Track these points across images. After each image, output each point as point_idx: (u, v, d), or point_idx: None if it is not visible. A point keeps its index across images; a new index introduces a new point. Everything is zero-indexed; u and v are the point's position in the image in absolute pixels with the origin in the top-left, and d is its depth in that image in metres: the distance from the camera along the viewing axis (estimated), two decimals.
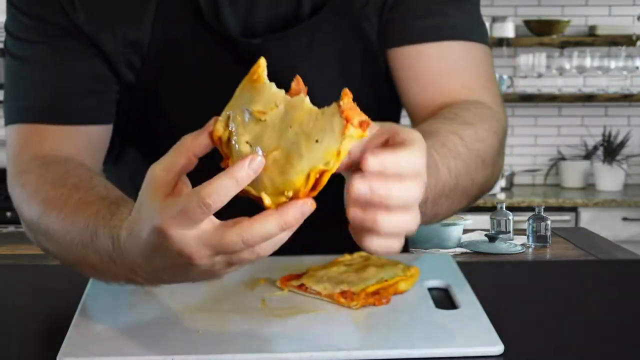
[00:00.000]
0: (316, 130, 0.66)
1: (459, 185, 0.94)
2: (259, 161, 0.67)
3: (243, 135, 0.68)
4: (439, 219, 0.97)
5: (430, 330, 0.81)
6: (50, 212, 0.93)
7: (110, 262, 0.82)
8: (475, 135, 0.99)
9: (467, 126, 0.99)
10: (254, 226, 0.68)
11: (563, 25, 4.34)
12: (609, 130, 4.43)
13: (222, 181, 0.67)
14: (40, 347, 0.82)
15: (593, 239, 2.57)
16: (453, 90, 1.08)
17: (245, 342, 0.78)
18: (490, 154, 1.02)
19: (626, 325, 0.88)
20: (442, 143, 0.93)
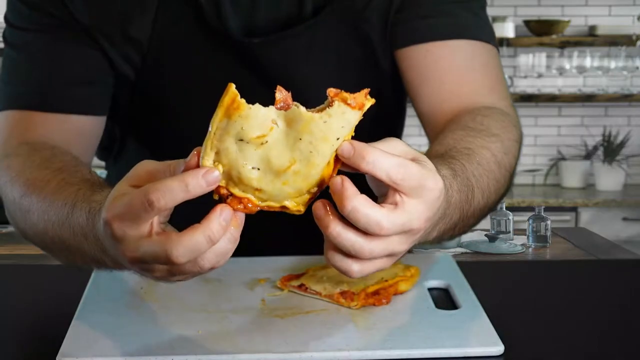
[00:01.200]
0: (333, 131, 0.66)
1: (488, 205, 0.93)
2: (215, 176, 0.65)
3: (245, 164, 0.66)
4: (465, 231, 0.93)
5: (431, 330, 0.81)
6: (31, 192, 0.93)
7: (82, 238, 0.81)
8: (503, 148, 0.98)
9: (495, 138, 0.98)
10: (181, 240, 0.65)
11: (563, 25, 4.34)
12: (609, 130, 4.42)
13: (171, 182, 0.65)
14: (40, 347, 0.82)
15: (593, 239, 2.56)
16: (464, 91, 1.07)
17: (245, 342, 0.78)
18: (514, 165, 1.02)
19: (626, 325, 0.88)
20: (479, 163, 0.92)
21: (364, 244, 0.67)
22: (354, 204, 0.65)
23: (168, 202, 0.65)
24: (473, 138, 0.97)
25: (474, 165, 0.90)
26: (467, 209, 0.86)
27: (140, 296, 0.91)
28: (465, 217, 0.86)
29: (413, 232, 0.69)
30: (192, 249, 0.66)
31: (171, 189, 0.64)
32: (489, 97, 1.07)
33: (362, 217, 0.66)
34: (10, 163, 1.01)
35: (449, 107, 1.06)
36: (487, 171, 0.92)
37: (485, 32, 1.11)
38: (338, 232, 0.67)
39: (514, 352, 0.78)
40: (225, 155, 0.66)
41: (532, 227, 2.49)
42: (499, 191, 0.96)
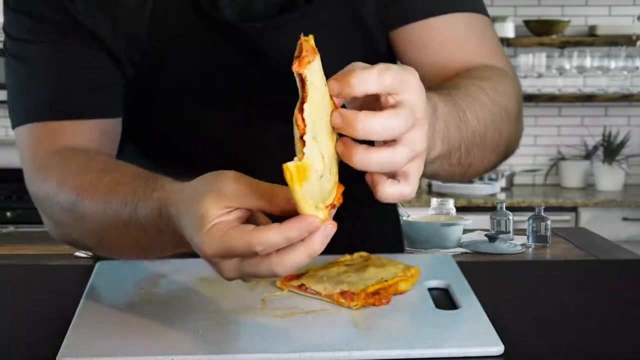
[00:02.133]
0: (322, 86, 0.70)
1: (488, 136, 0.96)
2: (329, 229, 0.69)
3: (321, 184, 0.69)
4: (473, 171, 0.98)
5: (430, 330, 0.81)
6: (83, 198, 0.93)
7: (157, 233, 0.83)
8: (496, 89, 1.00)
9: (487, 81, 1.00)
10: (284, 259, 0.69)
11: (563, 25, 4.34)
12: (609, 130, 4.42)
13: (275, 237, 0.68)
14: (40, 347, 0.82)
15: (593, 239, 2.57)
16: (464, 57, 1.09)
17: (245, 342, 0.78)
18: (512, 108, 1.03)
19: (626, 325, 0.88)
20: (466, 93, 0.94)
21: (393, 153, 0.70)
22: (364, 122, 0.68)
23: (271, 251, 0.69)
24: (464, 79, 1.00)
25: (462, 94, 0.93)
26: (464, 128, 0.89)
27: (141, 296, 0.91)
28: (466, 139, 0.90)
29: (420, 123, 0.72)
30: (294, 265, 0.70)
31: (274, 242, 0.68)
32: (488, 61, 1.09)
33: (377, 125, 0.68)
34: (46, 176, 1.00)
35: (448, 71, 1.07)
36: (478, 101, 0.95)
37: (478, 2, 1.13)
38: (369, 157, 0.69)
39: (514, 352, 0.78)
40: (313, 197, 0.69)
41: (532, 227, 2.49)
42: (499, 126, 0.98)
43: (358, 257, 0.98)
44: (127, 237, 0.88)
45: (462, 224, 2.44)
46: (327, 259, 0.99)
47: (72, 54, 1.05)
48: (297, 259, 0.69)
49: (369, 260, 0.96)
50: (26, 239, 2.73)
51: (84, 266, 1.08)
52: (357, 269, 0.93)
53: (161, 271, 1.00)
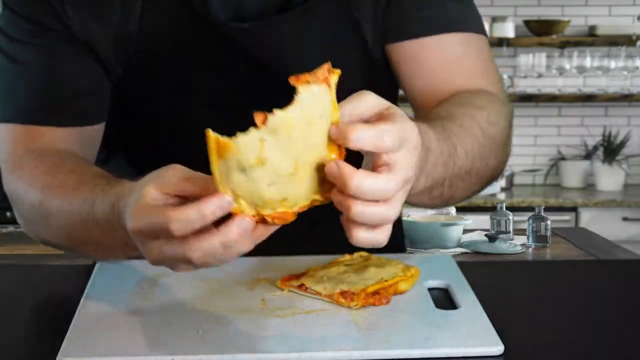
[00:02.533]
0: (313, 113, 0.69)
1: (474, 168, 0.98)
2: (227, 201, 0.69)
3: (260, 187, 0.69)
4: (454, 201, 1.01)
5: (430, 330, 0.81)
6: (50, 198, 0.97)
7: (111, 231, 0.85)
8: (488, 119, 1.01)
9: (480, 110, 1.01)
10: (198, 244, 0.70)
11: (563, 25, 4.34)
12: (609, 130, 4.43)
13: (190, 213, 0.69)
14: (40, 347, 0.82)
15: (593, 239, 2.57)
16: (457, 81, 1.09)
17: (245, 342, 0.78)
18: (501, 137, 1.04)
19: (626, 325, 0.88)
20: (460, 125, 0.96)
21: (384, 211, 0.71)
22: (356, 182, 0.69)
23: (186, 231, 0.70)
24: (457, 108, 1.01)
25: (456, 127, 0.95)
26: (452, 165, 0.92)
27: (141, 296, 0.91)
28: (451, 175, 0.92)
29: (409, 182, 0.75)
30: (208, 252, 0.71)
31: (189, 219, 0.70)
32: (480, 84, 1.10)
33: (368, 189, 0.70)
34: (20, 174, 1.02)
35: (440, 95, 1.08)
36: (470, 134, 0.96)
37: (474, 22, 1.12)
38: (362, 209, 0.70)
39: (514, 352, 0.78)
40: (240, 189, 0.69)
41: (532, 227, 2.49)
42: (486, 158, 1.00)
43: (358, 257, 0.98)
44: (87, 234, 0.91)
45: (462, 224, 2.44)
46: (327, 259, 0.99)
47: (62, 61, 1.07)
48: (211, 246, 0.70)
49: (368, 260, 0.96)
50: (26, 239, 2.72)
51: (84, 266, 1.08)
52: (357, 269, 0.93)
53: (161, 271, 1.00)
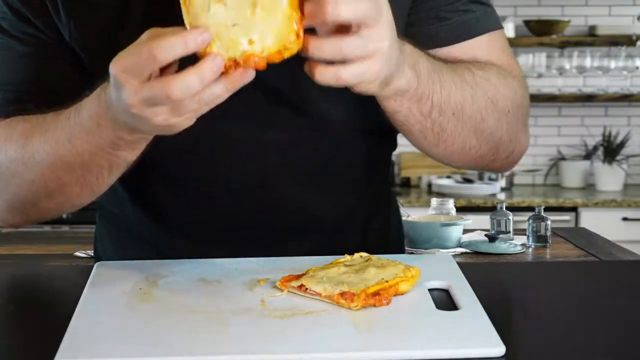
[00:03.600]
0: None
1: (466, 110, 1.00)
2: (207, 34, 0.77)
3: (225, 26, 0.78)
4: (448, 142, 1.03)
5: (431, 331, 0.81)
6: (30, 138, 1.00)
7: (96, 129, 0.91)
8: (488, 79, 1.03)
9: (482, 70, 1.04)
10: (177, 78, 0.77)
11: (563, 25, 4.34)
12: (609, 130, 4.42)
13: (173, 38, 0.77)
14: (39, 347, 0.82)
15: (593, 239, 2.56)
16: None
17: (245, 343, 0.78)
18: (502, 103, 1.05)
19: (626, 325, 0.88)
20: (453, 69, 1.00)
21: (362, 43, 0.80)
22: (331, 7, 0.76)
23: (169, 57, 0.77)
24: (461, 66, 1.04)
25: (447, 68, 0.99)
26: (439, 85, 0.96)
27: (139, 297, 0.91)
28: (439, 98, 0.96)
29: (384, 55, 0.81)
30: (187, 87, 0.77)
31: (172, 45, 0.77)
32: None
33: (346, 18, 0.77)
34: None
35: None
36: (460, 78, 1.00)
37: (494, 19, 1.13)
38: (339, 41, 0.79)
39: (515, 353, 0.78)
40: (206, 27, 0.78)
41: (532, 227, 2.49)
42: (478, 107, 1.02)
43: (358, 258, 0.97)
44: (72, 156, 0.96)
45: (462, 224, 2.44)
46: (327, 259, 0.99)
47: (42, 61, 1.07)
48: (188, 81, 0.77)
49: (369, 260, 0.96)
50: (26, 239, 2.72)
51: (83, 266, 1.08)
52: (357, 270, 0.92)
53: (160, 272, 1.00)
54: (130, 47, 0.80)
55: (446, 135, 1.01)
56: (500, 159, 1.11)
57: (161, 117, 0.81)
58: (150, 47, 0.77)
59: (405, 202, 3.87)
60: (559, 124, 4.54)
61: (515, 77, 1.11)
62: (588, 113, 4.51)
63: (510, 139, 1.09)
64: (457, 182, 4.30)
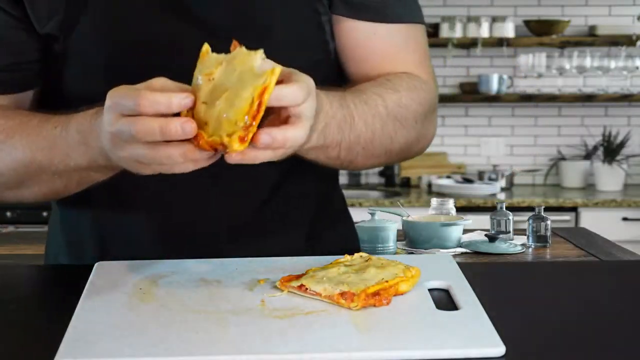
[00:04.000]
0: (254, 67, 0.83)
1: (376, 140, 1.07)
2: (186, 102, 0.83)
3: (199, 98, 0.84)
4: (359, 166, 1.11)
5: (431, 331, 0.81)
6: (12, 135, 1.04)
7: (80, 144, 0.96)
8: (399, 101, 1.09)
9: (393, 92, 1.09)
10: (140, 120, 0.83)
11: (563, 25, 4.34)
12: (609, 130, 4.43)
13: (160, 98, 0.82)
14: (39, 347, 0.82)
15: (593, 239, 2.56)
16: (395, 66, 1.16)
17: (245, 343, 0.78)
18: (411, 120, 1.12)
19: (626, 325, 0.88)
20: (365, 101, 1.05)
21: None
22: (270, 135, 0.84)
23: (151, 111, 0.82)
24: (371, 86, 1.10)
25: (358, 100, 1.05)
26: (348, 130, 1.02)
27: (139, 297, 0.91)
28: (348, 140, 1.03)
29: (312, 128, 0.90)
30: (148, 129, 0.82)
31: (157, 102, 0.82)
32: (416, 71, 1.16)
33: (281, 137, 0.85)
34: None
35: (376, 75, 1.14)
36: (372, 110, 1.06)
37: (413, 12, 1.18)
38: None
39: (515, 353, 0.78)
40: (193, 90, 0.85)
41: (532, 227, 2.49)
42: (391, 134, 1.09)
43: (358, 258, 0.97)
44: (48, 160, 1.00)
45: (462, 224, 2.44)
46: (327, 259, 0.99)
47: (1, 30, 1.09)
48: (151, 125, 0.82)
49: (369, 260, 0.96)
50: (26, 239, 2.72)
51: (83, 266, 1.07)
52: (357, 270, 0.92)
53: (160, 271, 1.00)
54: (131, 86, 0.85)
55: (355, 163, 1.09)
56: (410, 156, 1.18)
57: (126, 153, 0.87)
58: (140, 96, 0.83)
59: (405, 202, 3.87)
60: (559, 124, 4.54)
61: (425, 82, 1.16)
62: (588, 113, 4.51)
63: (419, 139, 1.15)
64: (457, 182, 4.30)
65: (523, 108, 4.50)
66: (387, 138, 1.09)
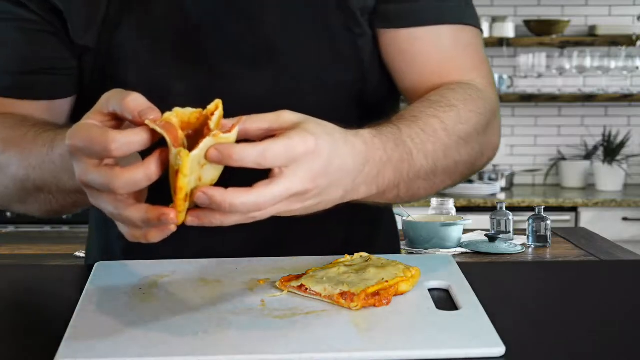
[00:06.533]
0: None
1: (439, 168, 0.99)
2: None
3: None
4: (420, 198, 1.04)
5: (431, 331, 0.81)
6: (9, 149, 1.00)
7: (65, 171, 0.90)
8: (457, 118, 1.02)
9: (449, 108, 1.02)
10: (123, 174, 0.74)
11: (563, 25, 4.34)
12: (609, 130, 4.43)
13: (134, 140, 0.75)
14: (40, 347, 0.82)
15: (593, 239, 2.57)
16: (446, 72, 1.10)
17: (245, 343, 0.78)
18: (474, 134, 1.05)
19: (626, 325, 0.88)
20: (421, 128, 0.97)
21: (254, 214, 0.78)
22: (229, 201, 0.75)
23: (124, 152, 0.75)
24: (425, 108, 1.02)
25: (415, 130, 0.96)
26: (407, 169, 0.94)
27: (139, 297, 0.91)
28: (407, 178, 0.95)
29: (302, 193, 0.79)
30: (132, 183, 0.74)
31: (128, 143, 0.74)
32: (469, 76, 1.11)
33: (241, 207, 0.75)
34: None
35: (428, 85, 1.09)
36: (431, 137, 0.98)
37: (468, 14, 1.13)
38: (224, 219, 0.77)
39: (515, 353, 0.78)
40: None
41: (532, 227, 2.49)
42: (454, 156, 1.01)
43: (358, 258, 0.97)
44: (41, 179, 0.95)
45: (462, 224, 2.44)
46: (327, 259, 0.99)
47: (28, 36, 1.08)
48: (135, 178, 0.74)
49: (369, 260, 0.96)
50: (26, 239, 2.73)
51: (83, 266, 1.08)
52: (357, 270, 0.92)
53: (160, 272, 1.00)
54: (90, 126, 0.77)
55: (417, 197, 1.02)
56: (475, 171, 1.11)
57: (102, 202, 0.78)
58: (107, 142, 0.74)
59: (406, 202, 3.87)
60: (559, 124, 4.55)
61: (481, 89, 1.10)
62: (588, 113, 4.52)
63: (482, 152, 1.09)
64: None
65: (523, 108, 4.50)
66: (451, 162, 1.02)
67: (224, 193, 0.75)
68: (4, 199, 1.05)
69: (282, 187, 0.77)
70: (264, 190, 0.76)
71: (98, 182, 0.76)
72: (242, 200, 0.75)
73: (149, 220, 0.75)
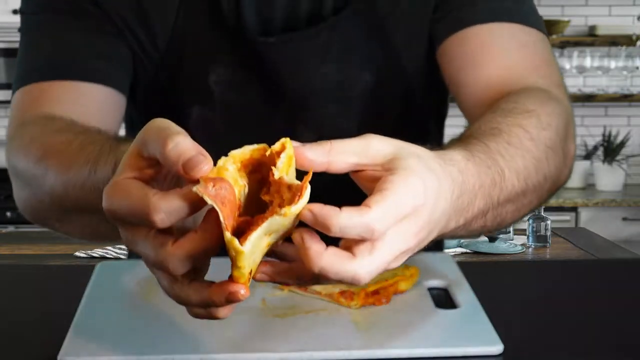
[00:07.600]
0: None
1: (529, 187, 0.86)
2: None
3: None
4: (505, 225, 0.88)
5: (430, 330, 0.81)
6: (49, 156, 0.88)
7: None
8: (539, 123, 0.89)
9: (529, 114, 0.90)
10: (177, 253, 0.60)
11: (563, 25, 4.34)
12: (609, 130, 4.43)
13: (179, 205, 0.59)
14: (41, 347, 0.82)
15: (593, 239, 2.57)
16: (505, 70, 1.02)
17: (245, 342, 0.78)
18: (557, 140, 0.92)
19: (626, 325, 0.88)
20: (507, 142, 0.84)
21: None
22: (321, 265, 0.60)
23: (172, 223, 0.59)
24: (502, 117, 0.88)
25: (502, 145, 0.82)
26: (497, 193, 0.79)
27: (141, 296, 0.91)
28: (496, 203, 0.79)
29: (405, 252, 0.64)
30: (189, 262, 0.61)
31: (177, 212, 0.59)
32: (532, 77, 1.02)
33: (333, 275, 0.61)
34: (24, 131, 0.97)
35: (490, 90, 1.01)
36: (520, 150, 0.84)
37: (532, 17, 1.07)
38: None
39: (514, 351, 0.78)
40: None
41: (532, 227, 2.49)
42: (544, 171, 0.88)
43: None
44: (81, 199, 0.81)
45: None
46: None
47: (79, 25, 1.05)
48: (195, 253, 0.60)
49: None
50: (26, 239, 2.73)
51: (84, 266, 1.08)
52: None
53: None
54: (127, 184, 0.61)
55: (505, 223, 0.86)
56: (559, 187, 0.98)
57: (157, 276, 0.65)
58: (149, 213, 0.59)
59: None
60: None
61: (551, 92, 1.00)
62: (588, 113, 4.51)
63: (565, 161, 0.97)
64: None
65: None
66: (541, 178, 0.88)
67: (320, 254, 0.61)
68: (39, 214, 0.95)
69: (383, 255, 0.62)
70: (363, 261, 0.61)
71: (150, 258, 0.62)
72: (338, 270, 0.61)
73: (214, 303, 0.62)
